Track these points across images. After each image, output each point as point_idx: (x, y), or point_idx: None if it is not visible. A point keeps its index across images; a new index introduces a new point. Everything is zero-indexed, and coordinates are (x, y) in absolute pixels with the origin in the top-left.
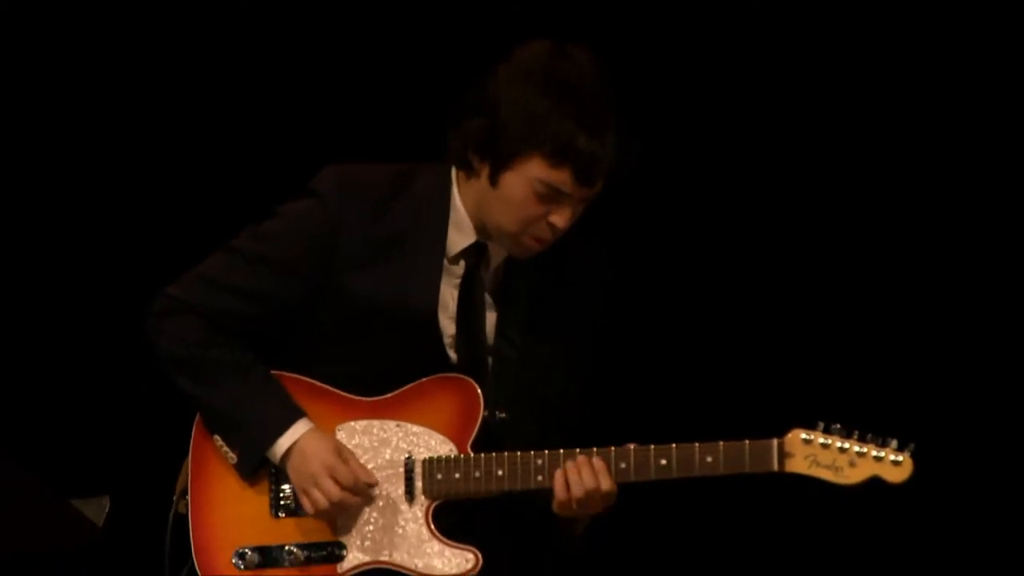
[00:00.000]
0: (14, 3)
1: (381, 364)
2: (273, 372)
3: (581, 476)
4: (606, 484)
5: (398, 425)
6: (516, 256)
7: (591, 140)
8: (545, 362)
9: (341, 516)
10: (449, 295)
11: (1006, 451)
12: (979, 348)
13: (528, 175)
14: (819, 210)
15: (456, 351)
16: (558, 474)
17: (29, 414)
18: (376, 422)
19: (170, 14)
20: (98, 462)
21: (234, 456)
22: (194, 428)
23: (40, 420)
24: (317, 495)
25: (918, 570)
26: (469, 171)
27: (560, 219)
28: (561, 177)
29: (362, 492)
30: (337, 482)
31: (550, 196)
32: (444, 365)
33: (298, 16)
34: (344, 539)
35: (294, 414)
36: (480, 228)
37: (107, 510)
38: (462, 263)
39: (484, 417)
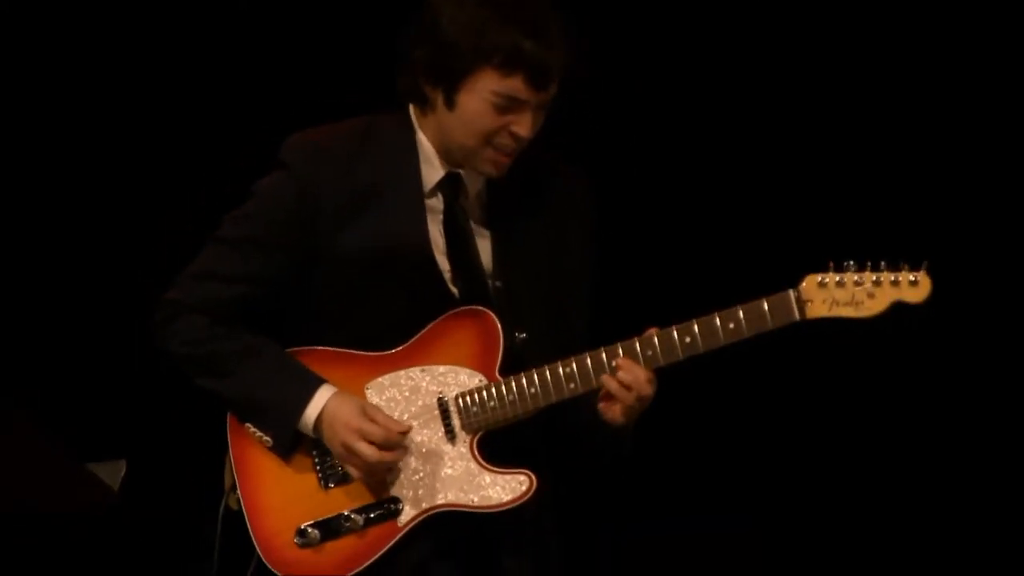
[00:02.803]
0: (14, 3)
1: (391, 316)
2: (290, 350)
3: (619, 377)
4: (641, 375)
5: (423, 370)
6: (488, 174)
7: (537, 42)
8: (550, 272)
9: (389, 472)
10: (437, 232)
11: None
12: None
13: (482, 90)
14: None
15: (455, 285)
16: (605, 379)
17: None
18: (402, 372)
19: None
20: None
21: (268, 439)
22: (228, 423)
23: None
24: (356, 461)
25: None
26: (424, 103)
27: (521, 127)
28: (514, 85)
29: (397, 444)
30: (371, 442)
31: (507, 106)
32: (449, 302)
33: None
34: (397, 493)
35: (313, 384)
36: (448, 158)
37: (123, 473)
38: (440, 197)
39: (505, 340)
